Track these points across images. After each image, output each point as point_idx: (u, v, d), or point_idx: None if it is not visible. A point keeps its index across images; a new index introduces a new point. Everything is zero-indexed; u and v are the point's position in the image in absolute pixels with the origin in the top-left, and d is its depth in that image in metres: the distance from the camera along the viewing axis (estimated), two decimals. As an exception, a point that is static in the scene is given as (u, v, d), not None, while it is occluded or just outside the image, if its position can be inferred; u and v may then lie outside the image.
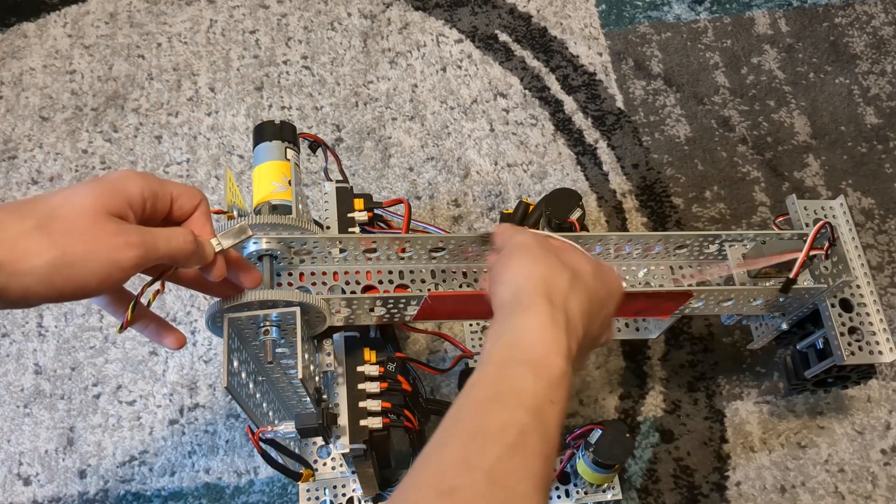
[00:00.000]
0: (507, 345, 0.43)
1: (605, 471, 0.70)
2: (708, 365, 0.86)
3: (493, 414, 0.40)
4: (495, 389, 0.41)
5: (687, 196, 0.97)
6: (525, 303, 0.45)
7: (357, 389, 0.60)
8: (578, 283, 0.47)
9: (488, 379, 0.42)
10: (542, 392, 0.41)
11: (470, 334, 0.84)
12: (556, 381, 0.42)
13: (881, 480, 0.81)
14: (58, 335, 0.85)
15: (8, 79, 1.02)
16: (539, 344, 0.43)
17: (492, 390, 0.41)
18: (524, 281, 0.46)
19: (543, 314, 0.44)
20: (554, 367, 0.42)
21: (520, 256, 0.48)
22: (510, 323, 0.44)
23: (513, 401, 0.40)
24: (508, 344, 0.43)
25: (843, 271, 0.64)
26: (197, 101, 1.01)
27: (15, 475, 0.79)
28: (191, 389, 0.83)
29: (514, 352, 0.43)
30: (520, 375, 0.41)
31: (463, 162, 0.98)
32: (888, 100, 1.05)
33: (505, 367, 0.42)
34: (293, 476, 0.61)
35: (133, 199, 0.43)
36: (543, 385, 0.41)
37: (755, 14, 1.11)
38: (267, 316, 0.52)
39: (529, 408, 0.40)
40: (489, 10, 1.10)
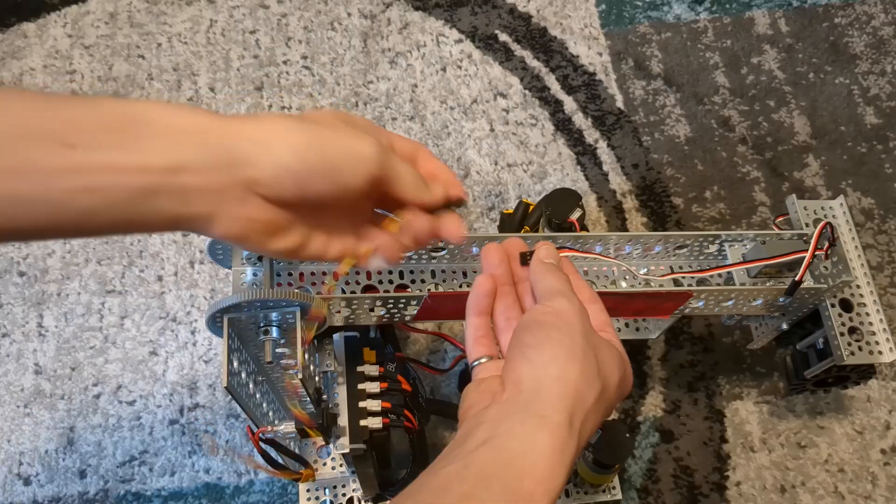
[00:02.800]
0: (501, 456, 0.37)
1: (605, 471, 0.71)
2: (708, 365, 0.86)
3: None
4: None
5: (687, 196, 0.97)
6: (544, 412, 0.38)
7: (357, 389, 0.60)
8: (602, 400, 0.41)
9: (462, 489, 0.36)
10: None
11: (470, 334, 0.84)
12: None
13: (881, 480, 0.81)
14: (58, 335, 0.85)
15: (8, 79, 1.02)
16: (533, 474, 0.37)
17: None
18: (553, 382, 0.39)
19: (556, 439, 0.38)
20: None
21: (559, 342, 0.41)
22: (517, 424, 0.38)
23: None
24: (503, 455, 0.37)
25: (843, 271, 0.64)
26: (197, 101, 1.01)
27: (15, 475, 0.79)
28: (191, 389, 0.83)
29: (504, 469, 0.37)
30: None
31: (463, 162, 0.98)
32: (888, 100, 1.05)
33: (484, 486, 0.36)
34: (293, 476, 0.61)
35: (358, 123, 0.43)
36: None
37: (755, 14, 1.11)
38: (267, 316, 0.52)
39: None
40: (489, 10, 1.10)
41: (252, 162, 0.36)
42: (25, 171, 0.33)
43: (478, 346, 0.46)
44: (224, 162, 0.36)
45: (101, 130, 0.34)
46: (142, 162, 0.35)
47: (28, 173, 0.33)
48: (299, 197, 0.38)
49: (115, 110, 0.35)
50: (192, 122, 0.36)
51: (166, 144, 0.35)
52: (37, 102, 0.34)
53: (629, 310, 0.66)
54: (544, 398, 0.39)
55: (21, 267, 0.89)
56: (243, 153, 0.36)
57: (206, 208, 0.37)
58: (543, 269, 0.47)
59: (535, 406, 0.39)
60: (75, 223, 0.35)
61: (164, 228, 0.37)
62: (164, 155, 0.35)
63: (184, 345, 0.85)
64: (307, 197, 0.39)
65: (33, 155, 0.33)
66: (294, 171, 0.37)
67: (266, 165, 0.37)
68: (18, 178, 0.33)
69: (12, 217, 0.33)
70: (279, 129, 0.37)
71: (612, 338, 0.45)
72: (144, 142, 0.35)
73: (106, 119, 0.34)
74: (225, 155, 0.36)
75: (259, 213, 0.38)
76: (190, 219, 0.37)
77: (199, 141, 0.36)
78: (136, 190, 0.35)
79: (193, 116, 0.36)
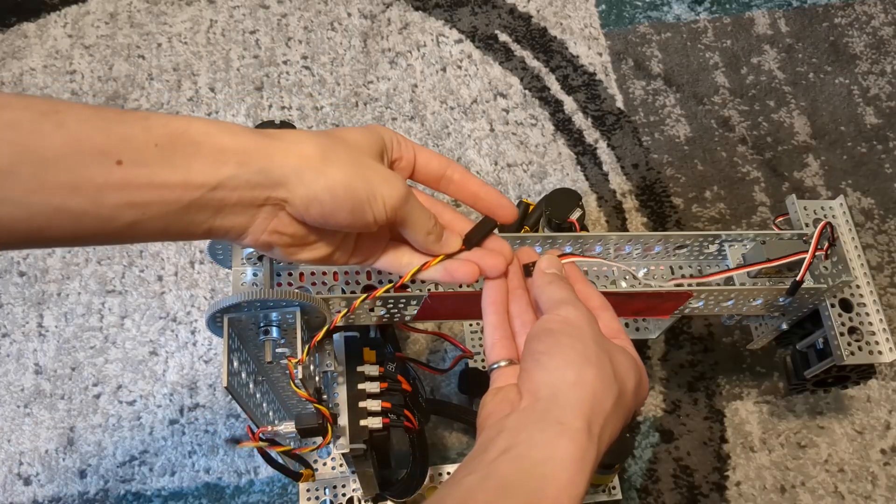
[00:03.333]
0: (522, 465, 0.37)
1: (605, 471, 0.71)
2: (708, 365, 0.86)
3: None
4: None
5: (687, 196, 0.97)
6: (562, 419, 0.38)
7: (357, 389, 0.60)
8: (620, 404, 0.41)
9: (485, 500, 0.36)
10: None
11: (470, 334, 0.84)
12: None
13: (881, 480, 0.81)
14: (58, 335, 0.85)
15: (8, 79, 1.02)
16: (555, 482, 0.36)
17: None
18: (570, 388, 0.39)
19: (576, 445, 0.37)
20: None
21: (571, 347, 0.41)
22: (537, 432, 0.38)
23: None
24: (524, 464, 0.37)
25: (843, 271, 0.64)
26: (197, 101, 1.01)
27: (15, 475, 0.79)
28: (191, 389, 0.83)
29: (526, 478, 0.37)
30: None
31: (463, 162, 0.98)
32: (888, 100, 1.05)
33: (506, 496, 0.36)
34: (293, 476, 0.61)
35: (384, 145, 0.44)
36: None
37: (755, 14, 1.11)
38: (267, 316, 0.52)
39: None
40: (489, 10, 1.10)
41: (286, 186, 0.39)
42: (79, 187, 0.34)
43: (497, 349, 0.46)
44: (260, 182, 0.38)
45: (149, 147, 0.36)
46: (185, 179, 0.36)
47: (81, 189, 0.34)
48: (322, 224, 0.41)
49: (163, 127, 0.36)
50: (234, 141, 0.38)
51: (209, 163, 0.37)
52: (90, 118, 0.35)
53: (629, 310, 0.66)
54: (562, 404, 0.39)
55: (21, 267, 0.89)
56: (279, 176, 0.38)
57: (240, 221, 0.39)
58: (546, 281, 0.47)
59: (554, 413, 0.39)
60: (116, 234, 0.37)
61: (197, 238, 0.39)
62: (206, 173, 0.37)
63: (184, 345, 0.85)
64: (329, 225, 0.41)
65: (87, 172, 0.34)
66: (322, 203, 0.39)
67: (299, 192, 0.39)
68: (72, 193, 0.34)
69: (58, 228, 0.35)
70: (315, 157, 0.39)
71: (626, 344, 0.45)
72: (189, 159, 0.36)
73: (154, 136, 0.36)
74: (261, 176, 0.38)
75: (286, 228, 0.40)
76: (223, 230, 0.39)
77: (239, 161, 0.38)
78: (178, 205, 0.37)
79: (235, 136, 0.38)
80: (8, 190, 0.32)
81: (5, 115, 0.33)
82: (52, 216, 0.34)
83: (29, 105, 0.34)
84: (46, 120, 0.33)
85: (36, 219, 0.34)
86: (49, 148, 0.33)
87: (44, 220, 0.34)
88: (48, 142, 0.33)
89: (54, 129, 0.33)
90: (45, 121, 0.33)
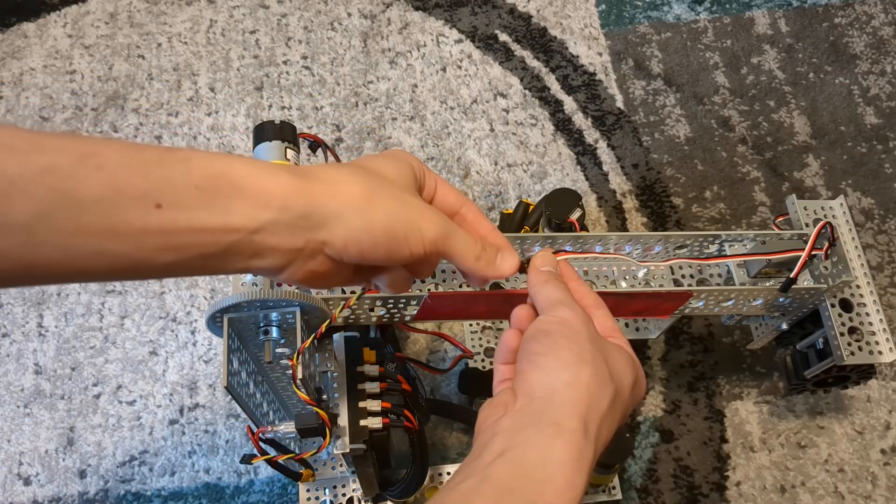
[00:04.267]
0: (519, 468, 0.37)
1: (605, 471, 0.71)
2: (708, 365, 0.86)
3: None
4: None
5: (687, 196, 0.97)
6: (558, 420, 0.38)
7: (357, 389, 0.60)
8: (617, 403, 0.41)
9: (482, 502, 0.36)
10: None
11: (470, 334, 0.84)
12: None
13: (881, 480, 0.81)
14: (58, 335, 0.85)
15: (8, 79, 1.02)
16: (552, 485, 0.36)
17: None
18: (565, 388, 0.39)
19: (573, 446, 0.37)
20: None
21: (567, 348, 0.41)
22: (533, 434, 0.38)
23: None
24: (521, 467, 0.37)
25: (843, 271, 0.64)
26: (197, 101, 1.01)
27: (15, 475, 0.79)
28: (191, 389, 0.83)
29: (523, 481, 0.36)
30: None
31: (463, 162, 0.98)
32: (888, 100, 1.05)
33: (503, 500, 0.36)
34: (293, 476, 0.61)
35: (415, 174, 0.44)
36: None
37: (755, 14, 1.11)
38: (267, 316, 0.52)
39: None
40: (489, 10, 1.10)
41: (326, 228, 0.38)
42: (118, 231, 0.34)
43: (500, 387, 0.46)
44: (301, 226, 0.38)
45: (189, 189, 0.35)
46: (225, 223, 0.36)
47: (120, 232, 0.34)
48: (358, 262, 0.41)
49: (204, 168, 0.36)
50: (275, 183, 0.37)
51: (250, 206, 0.36)
52: (130, 160, 0.34)
53: (629, 310, 0.66)
54: (558, 405, 0.39)
55: (21, 267, 0.88)
56: (319, 219, 0.38)
57: (277, 263, 0.39)
58: (541, 280, 0.47)
59: (549, 414, 0.39)
60: (153, 273, 0.36)
61: (232, 273, 0.39)
62: (247, 216, 0.36)
63: (184, 345, 0.85)
64: (365, 262, 0.41)
65: (126, 215, 0.34)
66: (360, 243, 0.39)
67: (338, 234, 0.39)
68: (111, 237, 0.34)
69: (96, 269, 0.35)
70: (358, 198, 0.39)
71: (622, 342, 0.45)
72: (229, 202, 0.36)
73: (195, 178, 0.35)
74: (302, 221, 0.38)
75: (321, 267, 0.40)
76: (259, 269, 0.39)
77: (280, 205, 0.37)
78: (216, 247, 0.36)
79: (277, 178, 0.38)
80: (47, 233, 0.32)
81: (43, 159, 0.32)
82: (91, 258, 0.34)
83: (67, 147, 0.33)
84: (85, 163, 0.33)
85: (72, 261, 0.33)
86: (87, 192, 0.33)
87: (82, 262, 0.34)
88: (87, 186, 0.33)
89: (93, 172, 0.33)
90: (84, 164, 0.33)
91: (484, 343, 0.83)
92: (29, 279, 0.34)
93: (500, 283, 0.66)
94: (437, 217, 0.42)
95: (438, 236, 0.41)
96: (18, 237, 0.32)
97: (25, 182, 0.31)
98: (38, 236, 0.32)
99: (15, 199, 0.31)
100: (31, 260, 0.32)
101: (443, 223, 0.42)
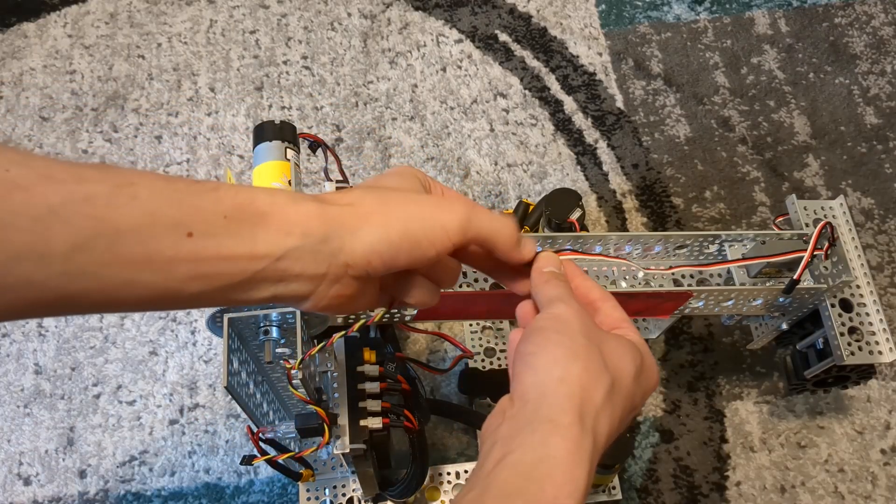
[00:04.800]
0: (518, 470, 0.37)
1: (605, 471, 0.70)
2: (708, 365, 0.86)
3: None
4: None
5: (687, 196, 0.97)
6: (552, 417, 0.38)
7: (357, 389, 0.60)
8: (616, 394, 0.40)
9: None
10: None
11: (470, 334, 0.84)
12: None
13: (881, 480, 0.81)
14: (58, 335, 0.85)
15: (8, 79, 1.02)
16: (552, 481, 0.37)
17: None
18: (557, 384, 0.39)
19: (570, 440, 0.37)
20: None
21: (558, 343, 0.41)
22: (528, 435, 0.38)
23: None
24: (519, 469, 0.37)
25: (843, 271, 0.64)
26: (197, 101, 1.01)
27: (15, 475, 0.79)
28: (191, 389, 0.83)
29: (524, 483, 0.37)
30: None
31: (463, 162, 0.98)
32: (888, 100, 1.05)
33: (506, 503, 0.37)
34: (293, 476, 0.61)
35: (422, 181, 0.45)
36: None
37: (755, 14, 1.11)
38: (267, 316, 0.52)
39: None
40: (489, 10, 1.10)
41: (346, 250, 0.39)
42: (151, 260, 0.34)
43: None
44: (322, 251, 0.39)
45: (218, 218, 0.36)
46: (251, 250, 0.37)
47: (153, 261, 0.34)
48: (386, 272, 0.41)
49: (232, 198, 0.37)
50: (296, 211, 0.38)
51: (273, 234, 0.37)
52: (162, 190, 0.35)
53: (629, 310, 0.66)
54: (551, 402, 0.39)
55: (21, 267, 0.88)
56: (339, 241, 0.39)
57: (302, 290, 0.39)
58: (542, 280, 0.47)
59: (543, 412, 0.39)
60: (181, 303, 0.37)
61: (258, 304, 0.40)
62: (271, 244, 0.37)
63: (184, 345, 0.85)
64: (394, 269, 0.41)
65: (159, 244, 0.34)
66: (381, 253, 0.40)
67: (358, 251, 0.39)
68: (144, 266, 0.34)
69: (127, 298, 0.35)
70: (370, 214, 0.40)
71: (629, 332, 0.45)
72: (254, 230, 0.37)
73: (223, 207, 0.36)
74: (323, 245, 0.39)
75: (346, 290, 0.41)
76: (285, 297, 0.39)
77: (302, 231, 0.38)
78: (242, 276, 0.37)
79: (297, 206, 0.39)
80: (83, 263, 0.33)
81: (83, 189, 0.33)
82: (122, 288, 0.34)
83: (104, 178, 0.34)
84: (121, 193, 0.33)
85: (106, 290, 0.34)
86: (124, 221, 0.33)
87: (114, 291, 0.34)
88: (123, 215, 0.33)
89: (129, 201, 0.34)
90: (120, 194, 0.33)
91: (484, 343, 0.83)
92: (64, 309, 0.34)
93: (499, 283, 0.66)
94: (457, 203, 0.42)
95: (463, 220, 0.41)
96: (57, 267, 0.32)
97: (66, 211, 0.32)
98: (75, 266, 0.32)
99: (55, 229, 0.32)
100: (68, 290, 0.33)
101: (463, 207, 0.42)
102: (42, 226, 0.31)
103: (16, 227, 0.31)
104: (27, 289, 0.32)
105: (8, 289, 0.31)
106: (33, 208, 0.31)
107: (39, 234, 0.31)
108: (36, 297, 0.32)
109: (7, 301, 0.32)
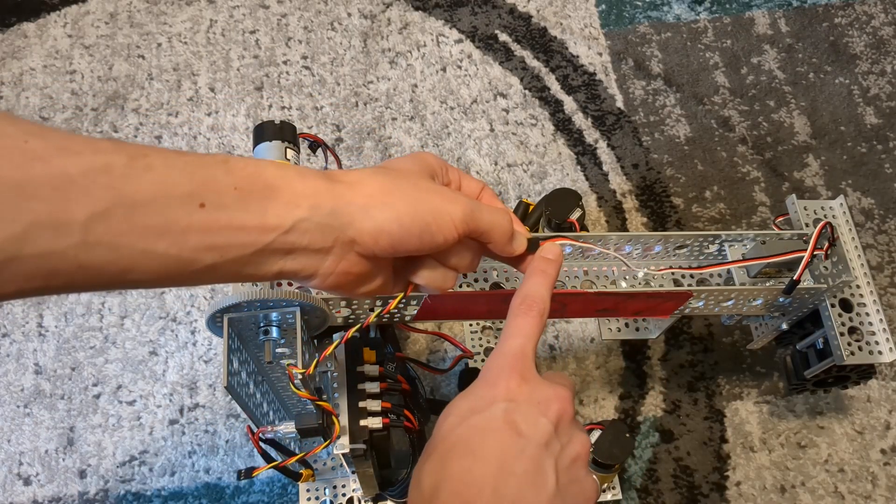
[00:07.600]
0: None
1: (605, 471, 0.71)
2: (708, 365, 0.86)
3: None
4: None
5: (687, 196, 0.97)
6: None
7: (357, 389, 0.60)
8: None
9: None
10: None
11: (470, 334, 0.84)
12: None
13: (881, 480, 0.81)
14: (58, 335, 0.85)
15: (8, 79, 1.02)
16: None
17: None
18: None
19: None
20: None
21: (444, 467, 0.41)
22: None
23: None
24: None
25: (843, 271, 0.64)
26: (197, 101, 1.01)
27: (15, 475, 0.79)
28: (191, 389, 0.83)
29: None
30: None
31: (463, 162, 0.98)
32: (888, 100, 1.05)
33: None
34: (293, 476, 0.61)
35: (434, 169, 0.47)
36: None
37: (755, 14, 1.11)
38: (267, 316, 0.52)
39: None
40: (489, 10, 1.10)
41: (354, 225, 0.40)
42: (165, 230, 0.35)
43: None
44: (330, 224, 0.40)
45: (229, 190, 0.37)
46: (261, 222, 0.37)
47: (167, 232, 0.35)
48: (391, 254, 0.42)
49: (241, 170, 0.38)
50: (307, 185, 0.39)
51: (282, 206, 0.38)
52: (175, 162, 0.36)
53: (629, 310, 0.66)
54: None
55: (21, 267, 0.88)
56: (347, 217, 0.40)
57: (310, 264, 0.40)
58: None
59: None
60: (194, 277, 0.37)
61: (267, 280, 0.41)
62: (280, 216, 0.38)
63: (184, 345, 0.85)
64: (399, 253, 0.43)
65: (173, 214, 0.35)
66: (391, 234, 0.41)
67: (366, 228, 0.40)
68: (158, 236, 0.35)
69: (141, 271, 0.35)
70: (378, 193, 0.41)
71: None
72: (264, 202, 0.38)
73: (234, 179, 0.37)
74: (331, 218, 0.39)
75: (354, 267, 0.42)
76: (293, 272, 0.40)
77: (311, 204, 0.39)
78: (253, 248, 0.38)
79: (305, 179, 0.40)
80: (101, 233, 0.33)
81: (100, 159, 0.33)
82: (137, 259, 0.35)
83: (119, 149, 0.34)
84: (137, 164, 0.34)
85: (121, 261, 0.34)
86: (140, 192, 0.34)
87: (129, 262, 0.34)
88: (139, 185, 0.34)
89: (143, 173, 0.34)
90: (136, 165, 0.34)
91: (484, 343, 0.83)
92: (79, 284, 0.35)
93: (499, 283, 0.66)
94: (461, 197, 0.44)
95: (466, 213, 0.43)
96: (76, 237, 0.32)
97: (85, 181, 0.32)
98: (94, 235, 0.33)
99: (74, 198, 0.32)
100: (85, 261, 0.33)
101: (467, 201, 0.44)
102: (62, 195, 0.32)
103: (37, 197, 0.31)
104: (45, 259, 0.32)
105: (27, 259, 0.32)
106: (54, 178, 0.32)
107: (59, 203, 0.32)
108: (53, 268, 0.32)
109: (26, 271, 0.32)
